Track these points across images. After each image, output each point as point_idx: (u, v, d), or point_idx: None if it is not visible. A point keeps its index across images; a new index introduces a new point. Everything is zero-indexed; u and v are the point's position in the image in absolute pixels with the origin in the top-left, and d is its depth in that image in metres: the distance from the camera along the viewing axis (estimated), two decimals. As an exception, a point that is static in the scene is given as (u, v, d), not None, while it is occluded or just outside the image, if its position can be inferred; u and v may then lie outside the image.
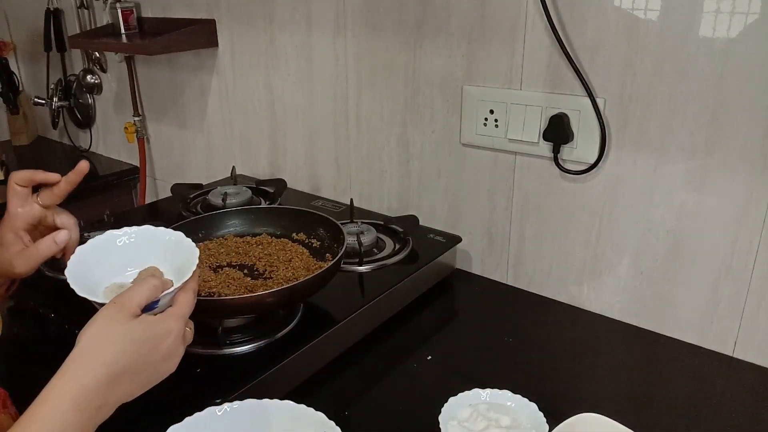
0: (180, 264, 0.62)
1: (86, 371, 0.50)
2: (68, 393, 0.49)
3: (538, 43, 0.96)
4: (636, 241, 0.95)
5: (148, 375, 0.54)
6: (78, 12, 1.83)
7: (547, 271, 1.07)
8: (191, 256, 0.63)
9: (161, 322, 0.55)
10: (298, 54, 1.31)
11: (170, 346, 0.55)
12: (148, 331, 0.54)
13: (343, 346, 0.90)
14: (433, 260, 1.05)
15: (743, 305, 0.88)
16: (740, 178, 0.83)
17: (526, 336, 0.97)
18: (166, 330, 0.55)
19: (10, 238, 0.68)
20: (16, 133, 2.11)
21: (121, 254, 0.65)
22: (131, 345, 0.53)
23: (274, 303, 0.82)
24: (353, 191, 1.32)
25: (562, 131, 0.96)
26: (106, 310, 0.54)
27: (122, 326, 0.53)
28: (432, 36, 1.08)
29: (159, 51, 1.43)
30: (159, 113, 1.74)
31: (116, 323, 0.53)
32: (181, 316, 0.57)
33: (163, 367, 0.56)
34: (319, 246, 0.98)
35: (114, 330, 0.53)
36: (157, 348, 0.54)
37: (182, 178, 1.72)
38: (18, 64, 2.16)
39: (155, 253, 0.65)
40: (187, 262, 0.62)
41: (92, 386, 0.50)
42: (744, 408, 0.80)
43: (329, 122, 1.31)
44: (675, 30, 0.83)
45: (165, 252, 0.65)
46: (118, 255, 0.65)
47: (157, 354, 0.54)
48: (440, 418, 0.69)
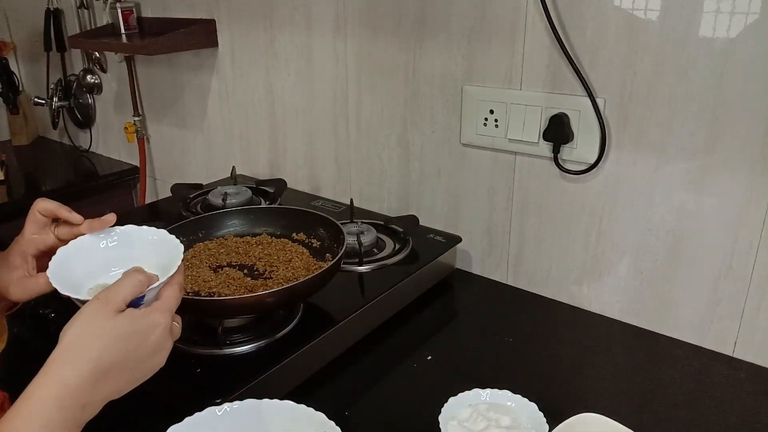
0: (165, 261, 0.62)
1: (70, 369, 0.49)
2: (52, 391, 0.48)
3: (538, 43, 0.96)
4: (636, 241, 0.95)
5: (136, 370, 0.53)
6: (78, 12, 1.83)
7: (547, 271, 1.07)
8: (176, 252, 0.62)
9: (147, 315, 0.54)
10: (298, 54, 1.31)
11: (158, 339, 0.54)
12: (135, 325, 0.53)
13: (343, 346, 0.90)
14: (433, 260, 1.05)
15: (743, 305, 0.88)
16: (740, 178, 0.83)
17: (526, 336, 0.97)
18: (152, 323, 0.54)
19: (17, 261, 0.67)
20: (16, 133, 2.11)
21: (104, 255, 0.64)
22: (117, 340, 0.51)
23: (274, 303, 0.82)
24: (353, 191, 1.32)
25: (562, 131, 0.96)
26: (91, 306, 0.53)
27: (108, 321, 0.52)
28: (432, 36, 1.08)
29: (159, 51, 1.43)
30: (159, 113, 1.74)
31: (101, 318, 0.52)
32: (167, 309, 0.56)
33: (151, 361, 0.55)
34: (319, 246, 0.98)
35: (99, 325, 0.52)
36: (144, 342, 0.53)
37: (182, 178, 1.72)
38: (18, 64, 2.16)
39: (139, 253, 0.64)
40: (172, 258, 0.61)
41: (76, 384, 0.49)
42: (744, 408, 0.80)
43: (329, 122, 1.31)
44: (675, 30, 0.83)
45: (149, 251, 0.65)
46: (101, 256, 0.64)
47: (144, 348, 0.53)
48: (440, 418, 0.69)
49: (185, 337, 0.82)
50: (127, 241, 0.66)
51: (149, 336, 0.54)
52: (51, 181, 1.88)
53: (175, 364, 0.77)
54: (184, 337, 0.82)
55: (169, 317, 0.56)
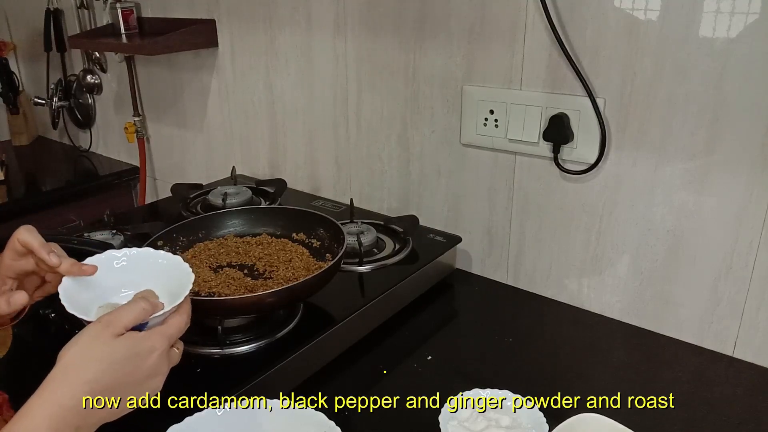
0: (175, 288, 0.62)
1: (65, 391, 0.50)
2: (45, 413, 0.48)
3: (538, 43, 0.96)
4: (636, 240, 0.95)
5: (130, 394, 0.54)
6: (78, 12, 1.83)
7: (547, 271, 1.07)
8: (186, 280, 0.63)
9: (145, 339, 0.55)
10: (298, 54, 1.31)
11: (153, 364, 0.55)
12: (132, 349, 0.54)
13: (343, 346, 0.90)
14: (433, 260, 1.05)
15: (743, 305, 0.88)
16: (740, 178, 0.83)
17: (526, 336, 0.97)
18: (149, 348, 0.55)
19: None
20: (16, 133, 2.11)
21: (118, 275, 0.65)
22: (113, 364, 0.52)
23: (274, 303, 0.82)
24: (353, 191, 1.32)
25: (562, 131, 0.96)
26: (91, 329, 0.53)
27: (105, 345, 0.52)
28: (432, 36, 1.08)
29: (159, 51, 1.43)
30: (159, 113, 1.74)
31: (99, 342, 0.53)
32: (166, 336, 0.57)
33: (147, 385, 0.55)
34: (319, 246, 0.98)
35: (97, 349, 0.52)
36: (140, 366, 0.54)
37: (182, 178, 1.72)
38: (18, 64, 2.16)
39: (151, 276, 0.65)
40: (182, 286, 0.62)
41: (70, 406, 0.49)
42: (744, 408, 0.80)
43: (329, 122, 1.31)
44: (675, 30, 0.83)
45: (161, 275, 0.65)
46: (115, 275, 0.65)
47: (140, 372, 0.54)
48: (440, 418, 0.69)
49: (185, 337, 0.83)
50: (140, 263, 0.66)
51: (146, 360, 0.54)
52: (51, 181, 1.88)
53: (175, 364, 0.77)
54: (184, 338, 0.82)
55: (167, 343, 0.57)
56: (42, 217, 1.65)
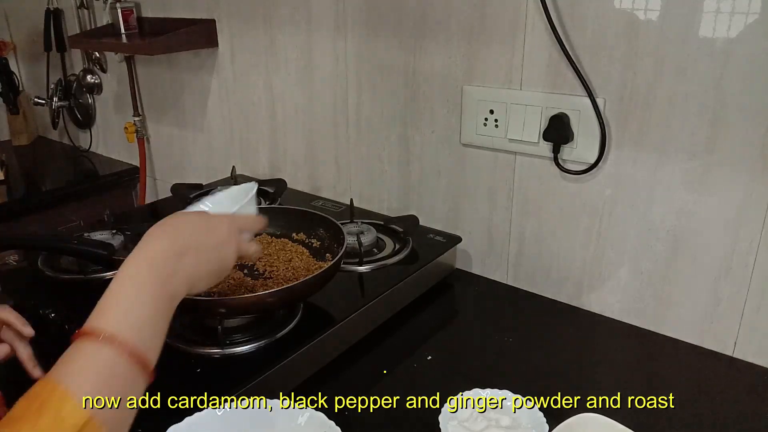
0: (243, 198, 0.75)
1: (153, 243, 0.58)
2: (141, 255, 0.56)
3: (538, 43, 0.96)
4: (636, 241, 0.95)
5: (207, 255, 0.61)
6: (78, 12, 1.83)
7: (547, 271, 1.07)
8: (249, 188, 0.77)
9: (215, 216, 0.67)
10: (298, 54, 1.31)
11: (221, 235, 0.63)
12: (203, 218, 0.65)
13: (343, 346, 0.90)
14: (433, 260, 1.05)
15: (743, 305, 0.88)
16: (740, 178, 0.83)
17: (526, 336, 0.97)
18: (217, 222, 0.65)
19: None
20: (16, 133, 2.11)
21: None
22: (188, 224, 0.62)
23: (274, 303, 0.82)
24: (353, 191, 1.32)
25: (562, 131, 0.96)
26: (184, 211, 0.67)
27: (184, 216, 0.64)
28: (432, 36, 1.08)
29: (159, 51, 1.43)
30: (159, 113, 1.74)
31: (180, 215, 0.64)
32: (234, 218, 0.68)
33: (218, 251, 0.63)
34: (319, 246, 0.98)
35: (176, 218, 0.63)
36: (210, 233, 0.63)
37: (182, 178, 1.72)
38: (18, 64, 2.16)
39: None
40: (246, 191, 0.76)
41: (162, 249, 0.57)
42: (744, 408, 0.80)
43: (329, 122, 1.31)
44: (675, 30, 0.83)
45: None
46: None
47: (210, 238, 0.62)
48: (440, 418, 0.69)
49: (185, 337, 0.83)
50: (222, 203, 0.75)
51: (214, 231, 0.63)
52: (51, 181, 1.88)
53: (175, 364, 0.77)
54: (184, 337, 0.82)
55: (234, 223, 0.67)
56: (42, 217, 1.65)
